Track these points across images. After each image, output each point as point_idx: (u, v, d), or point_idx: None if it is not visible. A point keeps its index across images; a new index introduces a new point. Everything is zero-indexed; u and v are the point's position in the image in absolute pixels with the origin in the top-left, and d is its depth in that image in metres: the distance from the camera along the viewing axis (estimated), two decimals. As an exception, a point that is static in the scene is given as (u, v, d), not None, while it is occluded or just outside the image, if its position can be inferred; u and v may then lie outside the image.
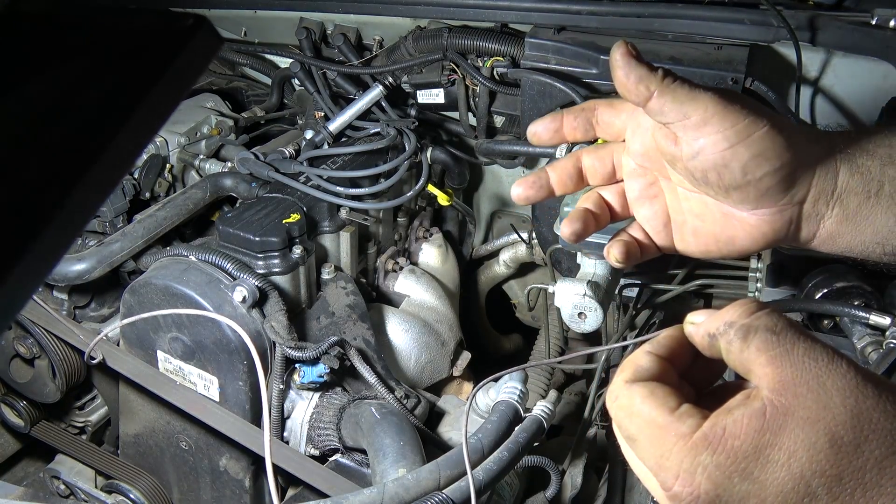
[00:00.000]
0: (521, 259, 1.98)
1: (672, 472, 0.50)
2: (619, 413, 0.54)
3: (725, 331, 0.52)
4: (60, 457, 1.65)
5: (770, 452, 0.47)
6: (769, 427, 0.48)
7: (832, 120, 1.58)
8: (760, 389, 0.50)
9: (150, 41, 0.44)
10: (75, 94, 0.42)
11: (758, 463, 0.48)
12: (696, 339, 0.56)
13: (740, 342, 0.51)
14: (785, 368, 0.49)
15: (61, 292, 1.52)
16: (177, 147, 1.75)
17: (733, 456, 0.48)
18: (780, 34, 1.49)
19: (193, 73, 0.44)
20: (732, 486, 0.48)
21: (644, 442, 0.52)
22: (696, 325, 0.56)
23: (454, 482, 1.13)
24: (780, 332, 0.51)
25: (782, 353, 0.50)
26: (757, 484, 0.48)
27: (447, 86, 1.75)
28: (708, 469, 0.48)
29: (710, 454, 0.48)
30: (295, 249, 1.40)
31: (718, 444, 0.48)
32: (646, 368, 0.55)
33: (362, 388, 1.40)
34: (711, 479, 0.48)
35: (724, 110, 0.63)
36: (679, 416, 0.51)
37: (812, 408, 0.48)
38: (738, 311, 0.53)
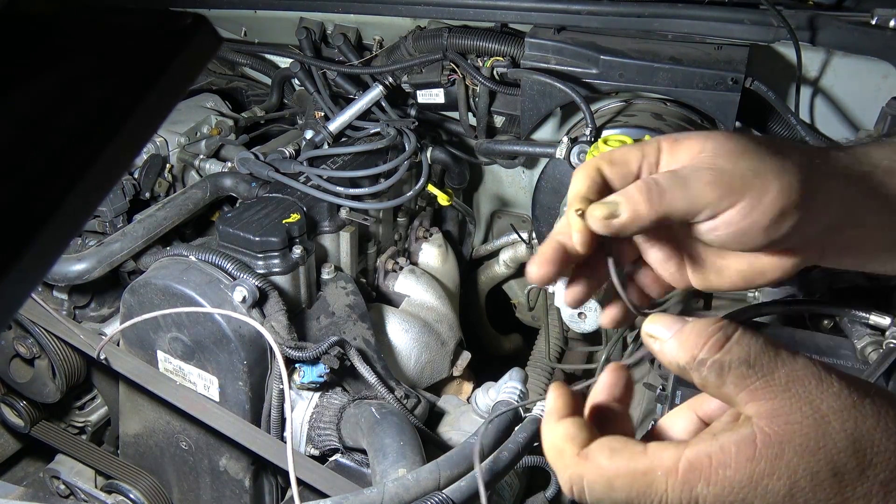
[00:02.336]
0: (521, 259, 1.98)
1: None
2: (595, 488, 0.50)
3: (697, 368, 0.50)
4: (60, 457, 1.65)
5: (768, 483, 0.46)
6: (763, 455, 0.46)
7: (832, 120, 1.58)
8: (747, 415, 0.48)
9: (150, 41, 0.44)
10: (75, 94, 0.42)
11: (756, 492, 0.46)
12: (664, 363, 0.53)
13: (716, 379, 0.49)
14: (771, 399, 0.47)
15: (61, 292, 1.52)
16: (177, 147, 1.75)
17: (729, 486, 0.46)
18: (780, 34, 1.49)
19: (192, 73, 0.44)
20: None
21: (637, 498, 0.49)
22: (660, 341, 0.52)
23: (454, 482, 1.12)
24: (755, 361, 0.48)
25: (762, 385, 0.47)
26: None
27: (447, 86, 1.75)
28: (708, 500, 0.47)
29: (706, 485, 0.47)
30: (295, 249, 1.40)
31: (710, 474, 0.47)
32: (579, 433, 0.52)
33: (362, 388, 1.40)
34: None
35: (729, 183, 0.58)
36: (653, 454, 0.49)
37: (810, 435, 0.46)
38: (706, 341, 0.50)
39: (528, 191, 1.80)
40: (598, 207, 0.57)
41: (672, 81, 1.49)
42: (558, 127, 1.78)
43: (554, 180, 1.55)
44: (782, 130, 1.57)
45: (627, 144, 0.65)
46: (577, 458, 0.51)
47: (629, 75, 1.52)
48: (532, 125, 1.67)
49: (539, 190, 1.59)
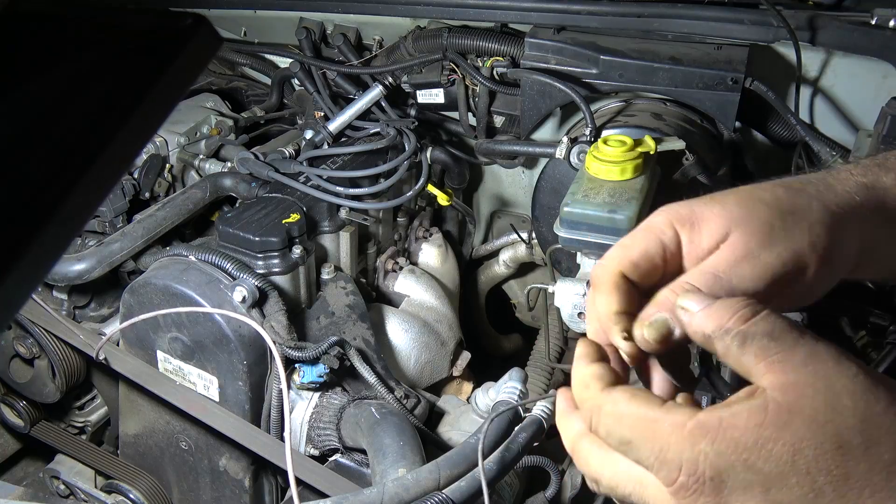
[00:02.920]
0: (520, 259, 1.98)
1: (674, 464, 0.49)
2: (606, 420, 0.52)
3: (721, 336, 0.51)
4: (60, 457, 1.65)
5: (773, 447, 0.47)
6: (771, 422, 0.47)
7: (832, 120, 1.58)
8: (765, 389, 0.49)
9: (150, 41, 0.44)
10: (75, 94, 0.42)
11: (759, 456, 0.47)
12: (690, 334, 0.54)
13: (738, 348, 0.50)
14: (787, 372, 0.48)
15: (61, 292, 1.52)
16: (177, 147, 1.75)
17: (733, 446, 0.47)
18: (780, 34, 1.49)
19: (193, 73, 0.44)
20: (736, 474, 0.47)
21: (639, 440, 0.51)
22: (689, 313, 0.54)
23: (454, 482, 1.12)
24: (778, 336, 0.50)
25: (782, 359, 0.49)
26: (760, 475, 0.47)
27: (447, 86, 1.75)
28: (709, 457, 0.48)
29: (710, 443, 0.48)
30: (295, 249, 1.39)
31: (717, 433, 0.48)
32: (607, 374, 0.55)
33: (362, 388, 1.40)
34: (713, 466, 0.48)
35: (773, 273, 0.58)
36: (668, 409, 0.50)
37: (820, 409, 0.47)
38: (733, 315, 0.51)
39: (528, 191, 1.80)
40: (649, 331, 0.56)
41: (672, 81, 1.49)
42: (558, 127, 1.78)
43: (554, 180, 1.55)
44: (782, 130, 1.57)
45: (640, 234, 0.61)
46: (600, 392, 0.54)
47: (629, 75, 1.52)
48: (532, 125, 1.67)
49: (539, 190, 1.59)
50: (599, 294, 0.59)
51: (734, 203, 0.60)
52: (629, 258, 0.60)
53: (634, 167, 1.24)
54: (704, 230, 0.60)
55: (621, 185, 1.23)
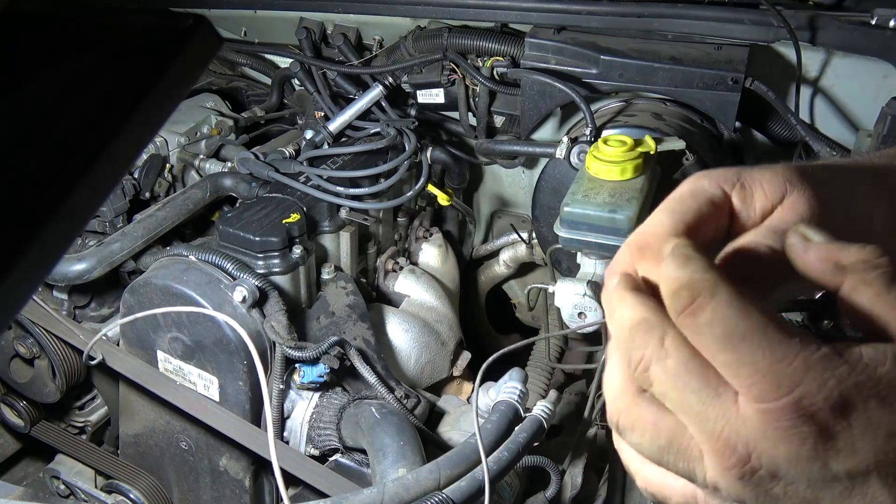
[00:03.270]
0: (521, 259, 1.98)
1: (790, 378, 0.39)
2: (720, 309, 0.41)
3: (864, 269, 0.43)
4: (60, 457, 1.65)
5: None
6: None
7: (832, 120, 1.58)
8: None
9: (150, 41, 0.44)
10: (75, 94, 0.42)
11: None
12: (811, 259, 0.46)
13: (882, 286, 0.43)
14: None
15: (61, 292, 1.52)
16: (177, 147, 1.75)
17: (876, 380, 0.40)
18: (780, 34, 1.50)
19: (193, 74, 0.44)
20: (867, 408, 0.40)
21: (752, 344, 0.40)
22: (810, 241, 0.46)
23: (454, 482, 1.13)
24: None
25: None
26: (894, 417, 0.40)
27: (447, 86, 1.75)
28: (845, 382, 0.39)
29: (849, 371, 0.40)
30: (295, 249, 1.40)
31: (858, 363, 0.40)
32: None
33: (362, 388, 1.40)
34: (844, 394, 0.39)
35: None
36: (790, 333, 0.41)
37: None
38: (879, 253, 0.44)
39: (528, 191, 1.80)
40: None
41: (672, 81, 1.49)
42: (558, 127, 1.78)
43: (554, 180, 1.55)
44: (782, 130, 1.57)
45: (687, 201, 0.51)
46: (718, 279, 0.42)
47: (629, 75, 1.52)
48: (532, 125, 1.67)
49: (539, 190, 1.59)
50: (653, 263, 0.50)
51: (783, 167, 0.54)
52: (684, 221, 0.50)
53: (635, 167, 1.24)
54: (757, 192, 0.53)
55: (621, 185, 1.23)
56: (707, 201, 0.52)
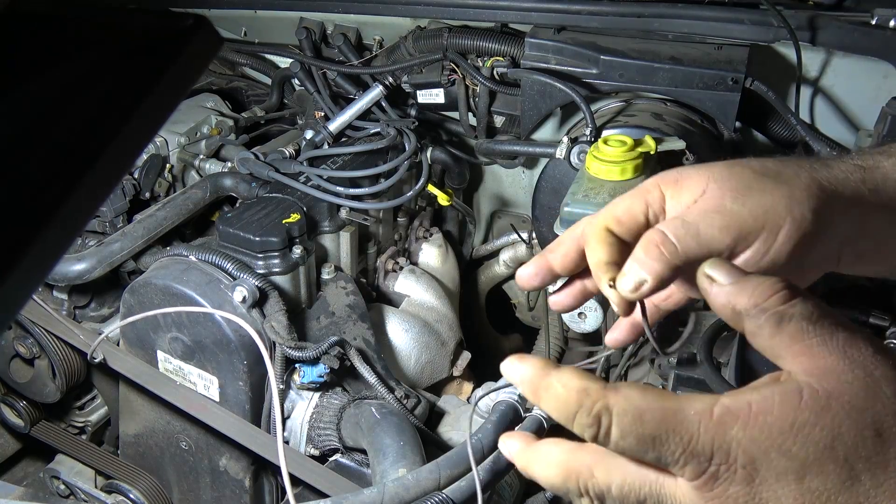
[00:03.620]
0: (521, 259, 1.98)
1: (705, 455, 0.45)
2: (623, 420, 0.47)
3: (756, 315, 0.49)
4: (60, 457, 1.65)
5: (810, 432, 0.45)
6: (808, 406, 0.45)
7: (832, 120, 1.58)
8: (794, 374, 0.47)
9: (150, 42, 0.44)
10: (75, 95, 0.42)
11: (796, 440, 0.45)
12: (715, 304, 0.52)
13: (772, 328, 0.48)
14: (825, 357, 0.46)
15: (61, 292, 1.52)
16: (177, 147, 1.75)
17: (767, 431, 0.45)
18: (780, 34, 1.49)
19: (193, 74, 0.44)
20: (770, 461, 0.45)
21: (664, 435, 0.46)
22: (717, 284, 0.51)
23: (454, 482, 1.13)
24: (816, 321, 0.47)
25: (820, 343, 0.47)
26: (796, 462, 0.45)
27: (447, 86, 1.75)
28: (742, 444, 0.45)
29: (742, 429, 0.45)
30: (295, 249, 1.40)
31: (748, 418, 0.45)
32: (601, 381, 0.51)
33: (362, 388, 1.40)
34: (747, 453, 0.45)
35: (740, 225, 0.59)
36: (687, 397, 0.47)
37: (860, 395, 0.45)
38: (769, 294, 0.49)
39: (528, 191, 1.80)
40: (625, 281, 0.58)
41: (672, 81, 1.49)
42: (558, 127, 1.78)
43: (554, 180, 1.55)
44: (782, 130, 1.57)
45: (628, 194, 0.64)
46: (604, 390, 0.48)
47: (629, 75, 1.52)
48: (532, 125, 1.67)
49: (539, 190, 1.59)
50: (588, 248, 0.62)
51: (720, 165, 0.62)
52: (613, 214, 0.62)
53: (635, 167, 1.24)
54: (685, 187, 0.62)
55: (622, 185, 1.23)
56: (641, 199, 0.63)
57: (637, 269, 0.57)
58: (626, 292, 0.57)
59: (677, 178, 0.63)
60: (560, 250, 0.66)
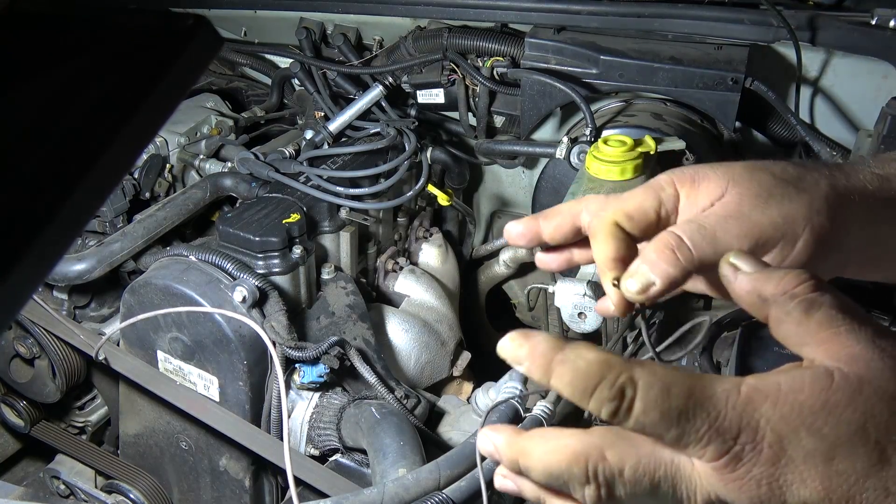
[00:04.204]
0: (521, 259, 1.98)
1: (731, 433, 0.44)
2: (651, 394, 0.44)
3: (784, 301, 0.48)
4: (60, 457, 1.65)
5: (842, 412, 0.43)
6: (840, 387, 0.44)
7: (832, 120, 1.58)
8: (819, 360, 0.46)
9: (151, 42, 0.44)
10: (75, 95, 0.42)
11: (828, 420, 0.44)
12: (739, 291, 0.51)
13: (801, 314, 0.47)
14: (853, 345, 0.45)
15: (61, 292, 1.52)
16: (177, 147, 1.75)
17: (798, 409, 0.44)
18: (780, 34, 1.50)
19: (194, 74, 0.44)
20: (799, 440, 0.44)
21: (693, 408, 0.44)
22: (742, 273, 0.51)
23: (454, 482, 1.13)
24: (846, 310, 0.47)
25: (849, 330, 0.46)
26: (826, 442, 0.44)
27: (447, 86, 1.75)
28: (772, 421, 0.44)
29: (772, 406, 0.44)
30: (295, 249, 1.40)
31: (779, 396, 0.44)
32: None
33: (362, 388, 1.40)
34: (776, 431, 0.44)
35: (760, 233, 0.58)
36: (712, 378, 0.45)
37: (892, 382, 0.44)
38: (798, 282, 0.48)
39: (528, 191, 1.80)
40: (632, 282, 0.56)
41: (672, 81, 1.49)
42: (558, 127, 1.78)
43: (554, 180, 1.55)
44: (782, 130, 1.57)
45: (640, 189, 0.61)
46: (628, 362, 0.46)
47: (629, 75, 1.52)
48: (532, 125, 1.67)
49: (539, 190, 1.59)
50: (595, 241, 0.60)
51: (739, 167, 0.60)
52: (623, 209, 0.60)
53: (635, 167, 1.24)
54: (703, 188, 0.60)
55: (622, 185, 1.23)
56: (654, 195, 0.61)
57: (646, 271, 0.55)
58: (632, 293, 0.56)
59: (694, 178, 0.61)
60: (554, 221, 0.65)
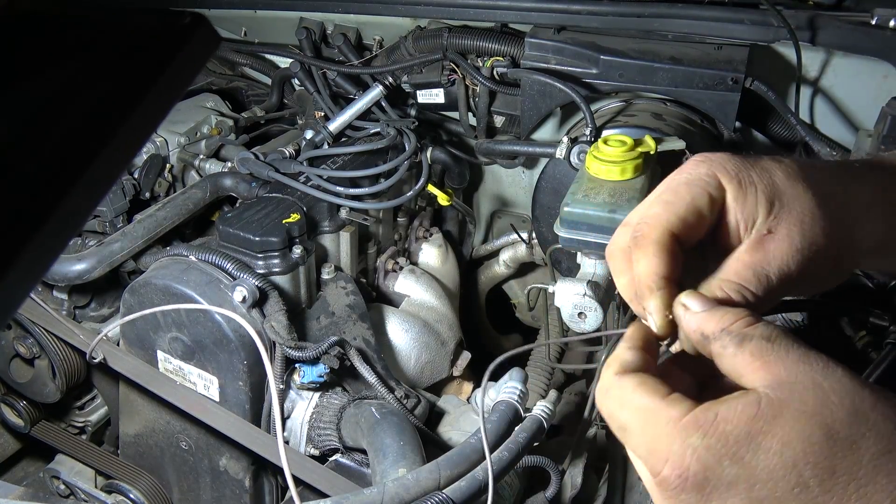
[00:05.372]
0: (521, 259, 1.98)
1: (662, 456, 0.49)
2: (611, 405, 0.54)
3: (720, 336, 0.53)
4: (60, 457, 1.65)
5: (762, 439, 0.47)
6: (763, 415, 0.48)
7: (832, 120, 1.58)
8: (753, 387, 0.50)
9: (149, 40, 0.44)
10: (73, 93, 0.42)
11: (749, 448, 0.48)
12: (687, 330, 0.56)
13: (735, 347, 0.52)
14: (780, 370, 0.50)
15: (61, 292, 1.52)
16: (177, 147, 1.75)
17: (724, 439, 0.48)
18: (780, 34, 1.49)
19: (191, 72, 0.44)
20: (722, 469, 0.48)
21: (635, 429, 0.52)
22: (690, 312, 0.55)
23: (454, 482, 1.12)
24: (774, 339, 0.51)
25: (776, 358, 0.50)
26: (747, 469, 0.48)
27: (447, 86, 1.75)
28: (698, 451, 0.48)
29: (701, 437, 0.48)
30: (295, 249, 1.40)
31: (710, 427, 0.48)
32: (631, 361, 0.56)
33: (362, 388, 1.40)
34: (701, 461, 0.48)
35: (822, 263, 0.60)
36: (670, 402, 0.51)
37: (809, 402, 0.48)
38: (734, 320, 0.53)
39: (529, 191, 1.80)
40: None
41: (672, 81, 1.49)
42: (558, 127, 1.78)
43: (554, 180, 1.55)
44: (782, 130, 1.57)
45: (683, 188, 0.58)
46: (614, 375, 0.55)
47: (629, 75, 1.52)
48: (532, 125, 1.67)
49: (539, 190, 1.59)
50: (643, 254, 0.57)
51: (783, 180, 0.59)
52: (677, 214, 0.57)
53: (635, 167, 1.23)
54: (749, 194, 0.58)
55: (622, 185, 1.22)
56: (703, 192, 0.58)
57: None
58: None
59: (739, 178, 0.59)
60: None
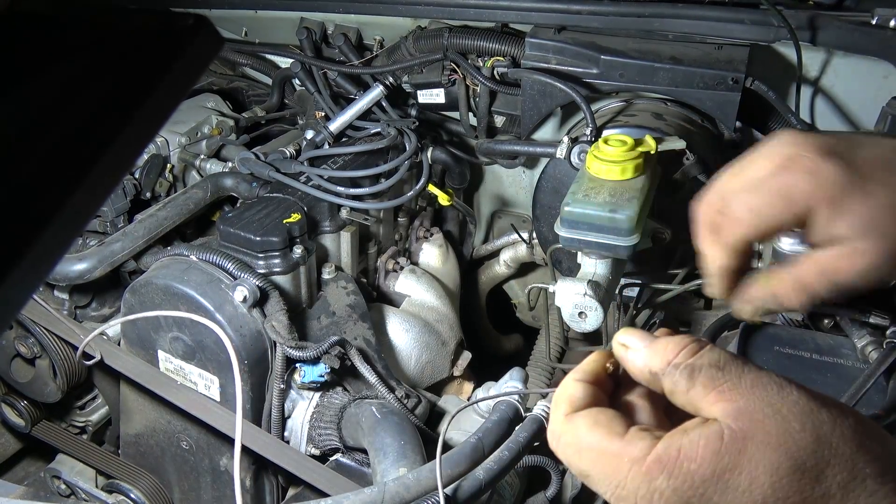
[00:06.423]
0: (521, 259, 1.98)
1: (630, 502, 0.48)
2: (566, 451, 0.52)
3: (670, 372, 0.51)
4: (61, 456, 1.65)
5: (730, 477, 0.46)
6: (728, 450, 0.47)
7: (832, 120, 1.58)
8: (713, 417, 0.49)
9: (151, 42, 0.44)
10: (76, 95, 0.42)
11: (717, 488, 0.46)
12: (633, 369, 0.54)
13: (686, 381, 0.50)
14: (736, 399, 0.48)
15: (62, 292, 1.52)
16: (177, 147, 1.75)
17: (690, 480, 0.47)
18: (781, 34, 1.50)
19: (194, 74, 0.44)
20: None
21: (598, 475, 0.50)
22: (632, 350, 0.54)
23: (454, 481, 1.13)
24: (724, 366, 0.50)
25: (731, 387, 0.49)
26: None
27: (448, 86, 1.75)
28: (665, 495, 0.47)
29: (666, 478, 0.47)
30: (296, 249, 1.40)
31: (674, 467, 0.47)
32: (580, 397, 0.54)
33: (363, 387, 1.40)
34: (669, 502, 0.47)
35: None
36: (629, 441, 0.49)
37: (772, 433, 0.47)
38: (679, 350, 0.52)
39: (529, 191, 1.80)
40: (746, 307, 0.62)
41: (672, 81, 1.49)
42: (559, 127, 1.78)
43: (555, 180, 1.55)
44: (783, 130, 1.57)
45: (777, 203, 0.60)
46: (563, 417, 0.53)
47: (630, 75, 1.52)
48: (532, 125, 1.67)
49: (540, 190, 1.59)
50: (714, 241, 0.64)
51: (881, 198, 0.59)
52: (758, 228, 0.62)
53: (635, 167, 1.24)
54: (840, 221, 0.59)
55: (622, 185, 1.23)
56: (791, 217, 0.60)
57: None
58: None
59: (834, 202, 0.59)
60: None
